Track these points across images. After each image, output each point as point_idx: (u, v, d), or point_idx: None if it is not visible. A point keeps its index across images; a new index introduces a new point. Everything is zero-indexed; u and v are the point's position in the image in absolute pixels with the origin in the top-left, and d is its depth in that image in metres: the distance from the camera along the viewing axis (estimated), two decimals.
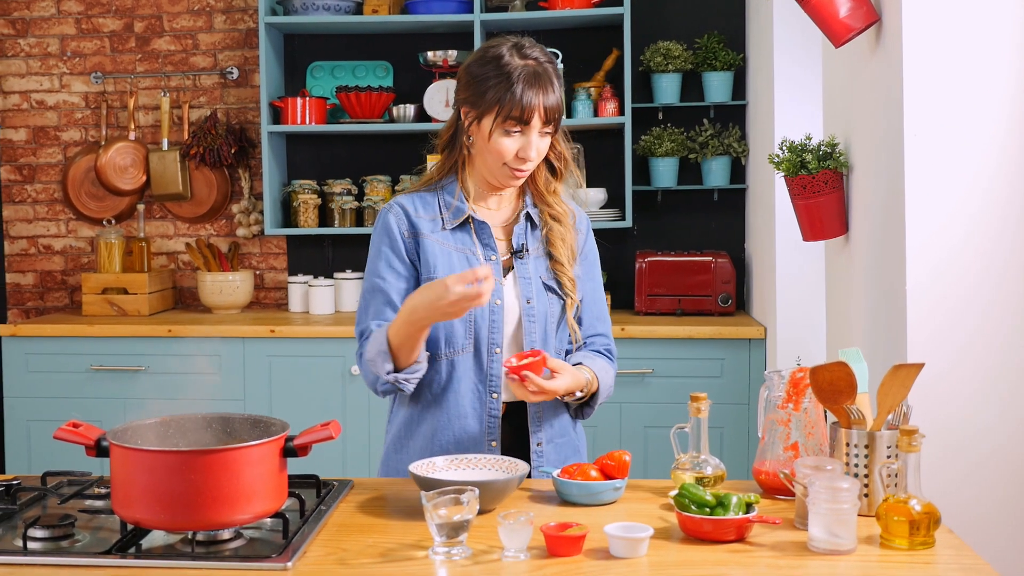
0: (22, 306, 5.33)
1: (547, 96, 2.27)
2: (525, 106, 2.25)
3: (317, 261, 5.19)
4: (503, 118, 2.27)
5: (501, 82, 2.27)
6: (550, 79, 2.29)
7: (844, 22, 2.52)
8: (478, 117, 2.31)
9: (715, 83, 4.80)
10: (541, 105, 2.26)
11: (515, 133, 2.28)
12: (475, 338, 2.34)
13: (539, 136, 2.30)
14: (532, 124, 2.27)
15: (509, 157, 2.30)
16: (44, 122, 5.27)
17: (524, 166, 2.31)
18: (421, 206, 2.40)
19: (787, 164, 2.81)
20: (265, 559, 1.79)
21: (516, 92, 2.25)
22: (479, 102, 2.30)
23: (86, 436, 1.93)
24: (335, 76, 5.13)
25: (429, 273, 2.34)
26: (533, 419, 2.39)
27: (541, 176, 2.43)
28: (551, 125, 2.31)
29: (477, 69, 2.32)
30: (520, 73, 2.27)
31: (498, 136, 2.29)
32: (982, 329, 2.33)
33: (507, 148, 2.29)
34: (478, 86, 2.31)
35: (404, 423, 2.43)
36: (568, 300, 2.41)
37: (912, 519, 1.83)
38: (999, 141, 2.32)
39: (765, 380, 2.23)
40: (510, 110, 2.26)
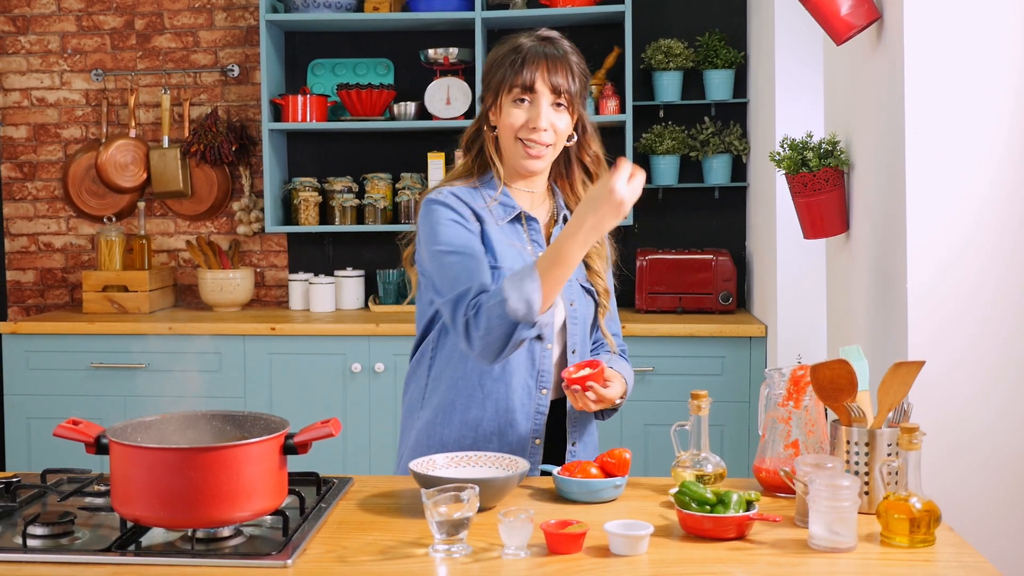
0: (23, 304, 5.33)
1: (553, 66, 2.29)
2: (528, 75, 2.28)
3: (318, 259, 5.19)
4: (509, 89, 2.30)
5: (510, 60, 2.31)
6: (561, 57, 2.31)
7: (845, 20, 2.51)
8: (495, 100, 2.34)
9: (716, 81, 4.80)
10: (546, 75, 2.28)
11: (523, 103, 2.30)
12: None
13: (552, 110, 2.30)
14: (539, 92, 2.28)
15: (518, 127, 2.30)
16: (45, 119, 5.27)
17: (534, 136, 2.30)
18: (470, 198, 2.36)
19: (788, 162, 2.81)
20: (265, 556, 1.79)
21: (521, 63, 2.29)
22: (492, 83, 2.34)
23: (86, 433, 1.92)
24: (336, 74, 5.13)
25: (494, 261, 2.31)
26: (571, 419, 2.41)
27: (577, 178, 2.43)
28: (562, 99, 2.30)
29: (493, 56, 2.37)
30: (527, 49, 2.31)
31: (508, 108, 2.31)
32: (983, 327, 2.33)
33: (516, 118, 2.30)
34: (492, 70, 2.35)
35: (442, 409, 2.38)
36: (600, 307, 2.43)
37: (913, 517, 1.83)
38: (1000, 139, 2.32)
39: (766, 378, 2.22)
40: (515, 79, 2.29)
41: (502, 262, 2.31)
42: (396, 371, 4.44)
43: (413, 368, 2.47)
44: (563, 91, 2.30)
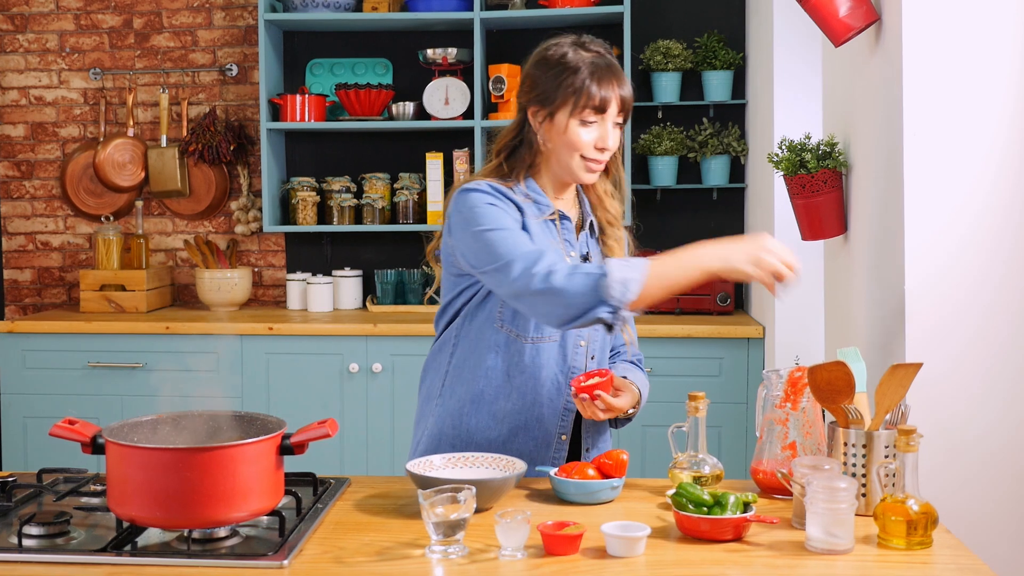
0: (20, 303, 5.32)
1: (621, 85, 2.29)
2: (602, 96, 2.26)
3: (316, 259, 5.19)
4: (580, 108, 2.27)
5: (573, 75, 2.28)
6: (619, 70, 2.31)
7: (844, 21, 2.51)
8: (550, 114, 2.31)
9: (715, 82, 4.79)
10: (616, 94, 2.28)
11: (591, 124, 2.28)
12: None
13: (613, 127, 2.30)
14: (608, 113, 2.28)
15: (587, 149, 2.29)
16: (42, 118, 5.26)
17: (602, 156, 2.31)
18: (507, 190, 2.33)
19: (786, 163, 2.81)
20: (261, 557, 1.78)
21: (590, 83, 2.26)
22: (551, 98, 2.30)
23: (82, 433, 1.92)
24: (334, 73, 5.12)
25: None
26: (586, 424, 2.42)
27: (605, 182, 2.44)
28: (622, 115, 2.31)
29: (543, 68, 2.33)
30: (590, 64, 2.29)
31: (575, 128, 2.28)
32: (981, 329, 2.33)
33: (584, 140, 2.29)
34: (548, 83, 2.31)
35: (469, 399, 2.37)
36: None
37: (910, 519, 1.83)
38: (999, 141, 2.31)
39: (763, 379, 2.22)
40: (587, 100, 2.26)
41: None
42: (394, 371, 4.44)
43: (433, 355, 2.45)
44: (627, 105, 2.31)
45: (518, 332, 2.32)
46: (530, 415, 2.35)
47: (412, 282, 4.94)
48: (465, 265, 2.29)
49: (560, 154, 2.32)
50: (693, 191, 4.95)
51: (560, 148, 2.31)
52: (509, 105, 4.74)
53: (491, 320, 2.33)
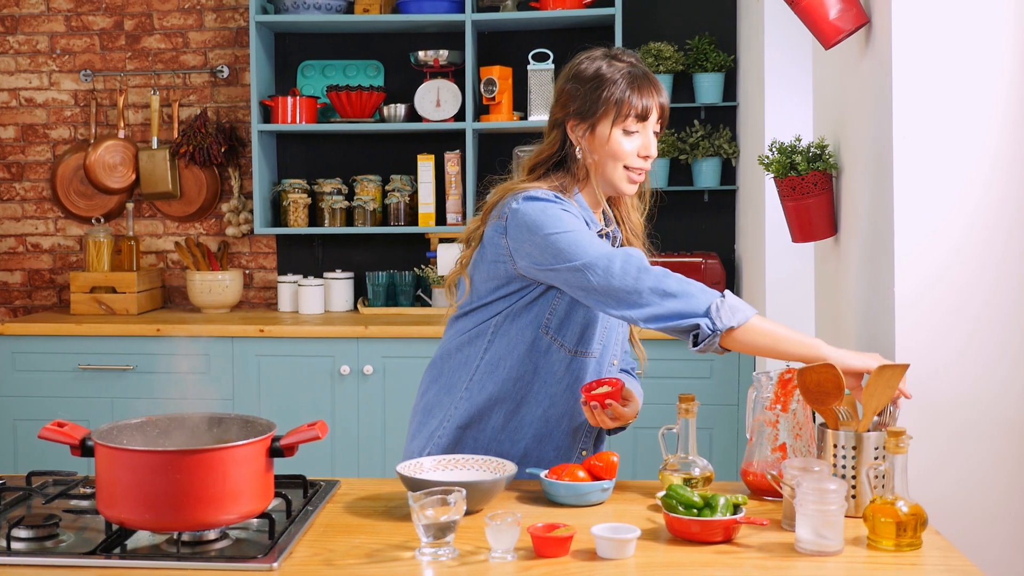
0: (10, 305, 5.31)
1: (660, 93, 2.32)
2: (644, 104, 2.29)
3: (307, 261, 5.18)
4: (623, 118, 2.29)
5: (611, 86, 2.29)
6: (655, 78, 2.33)
7: (834, 24, 2.51)
8: (591, 126, 2.31)
9: (706, 84, 4.80)
10: (657, 101, 2.31)
11: (634, 132, 2.30)
12: (604, 346, 2.37)
13: (653, 135, 2.33)
14: (649, 121, 2.31)
15: (630, 158, 2.31)
16: (33, 120, 5.25)
17: (645, 165, 2.33)
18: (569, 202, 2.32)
19: (777, 165, 2.81)
20: (251, 560, 1.78)
21: (630, 92, 2.29)
22: (591, 111, 2.30)
23: (71, 436, 1.92)
24: (326, 75, 5.12)
25: None
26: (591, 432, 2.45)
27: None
28: (661, 123, 2.34)
29: (579, 82, 2.33)
30: (628, 75, 2.30)
31: (618, 137, 2.30)
32: (971, 330, 2.33)
33: (628, 148, 2.30)
34: (586, 96, 2.31)
35: (501, 397, 2.35)
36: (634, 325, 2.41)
37: (899, 520, 1.83)
38: (989, 144, 2.32)
39: (753, 381, 2.23)
40: (629, 109, 2.28)
41: None
42: (385, 373, 4.44)
43: (459, 347, 2.40)
44: (666, 112, 2.33)
45: (562, 342, 2.33)
46: (557, 426, 2.36)
47: (403, 284, 4.94)
48: (527, 267, 2.27)
49: (604, 166, 2.33)
50: (684, 193, 4.95)
51: (604, 160, 2.32)
52: (500, 107, 4.75)
53: (535, 325, 2.32)
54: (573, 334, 2.32)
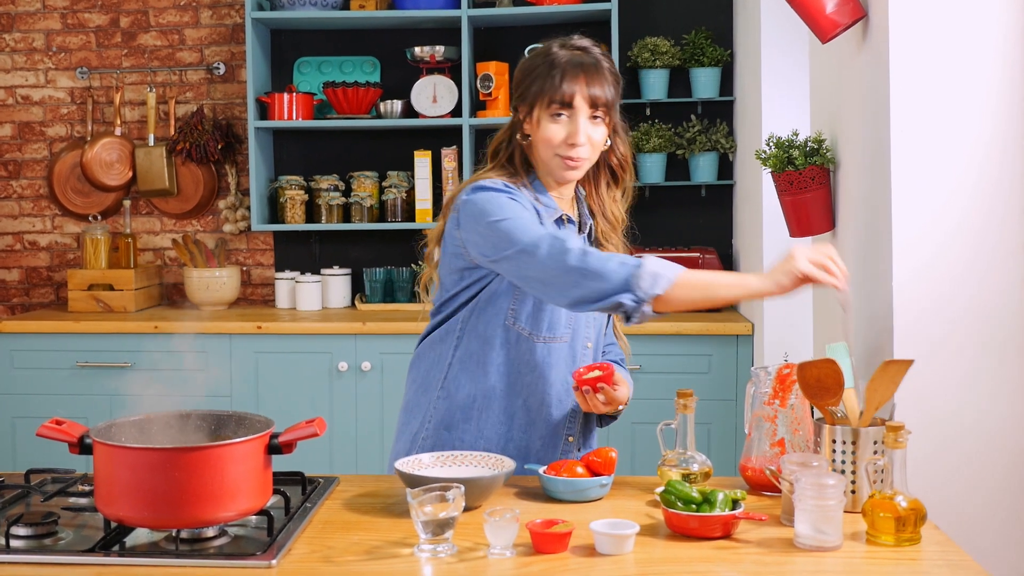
0: (7, 302, 5.30)
1: (591, 80, 2.28)
2: (567, 90, 2.27)
3: (304, 257, 5.18)
4: (548, 103, 2.28)
5: (546, 71, 2.29)
6: (597, 67, 2.30)
7: (830, 18, 2.51)
8: (529, 110, 2.32)
9: (702, 79, 4.80)
10: (584, 88, 2.27)
11: (561, 118, 2.29)
12: (573, 329, 2.35)
13: (589, 123, 2.29)
14: (576, 107, 2.27)
15: (557, 143, 2.29)
16: (29, 117, 5.25)
17: (574, 152, 2.29)
18: (518, 190, 2.33)
19: (774, 160, 2.81)
20: (250, 557, 1.78)
21: (558, 77, 2.27)
22: (527, 94, 2.32)
23: (69, 433, 1.92)
24: (322, 72, 5.12)
25: None
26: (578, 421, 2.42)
27: (602, 180, 2.43)
28: (600, 111, 2.30)
29: (526, 68, 2.35)
30: (564, 60, 2.29)
31: (546, 123, 2.29)
32: (968, 325, 2.33)
33: (555, 134, 2.29)
34: (525, 80, 2.33)
35: (479, 394, 2.36)
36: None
37: (898, 515, 1.83)
38: (985, 137, 2.32)
39: (752, 376, 2.22)
40: (553, 94, 2.27)
41: None
42: (383, 370, 4.43)
43: (431, 344, 2.42)
44: (600, 104, 2.29)
45: (530, 331, 2.33)
46: (539, 414, 2.36)
47: (401, 280, 4.93)
48: (478, 257, 2.28)
49: (540, 152, 2.34)
50: (681, 188, 4.95)
51: (538, 146, 2.33)
52: (497, 103, 4.74)
53: (501, 316, 2.33)
54: (539, 321, 2.32)
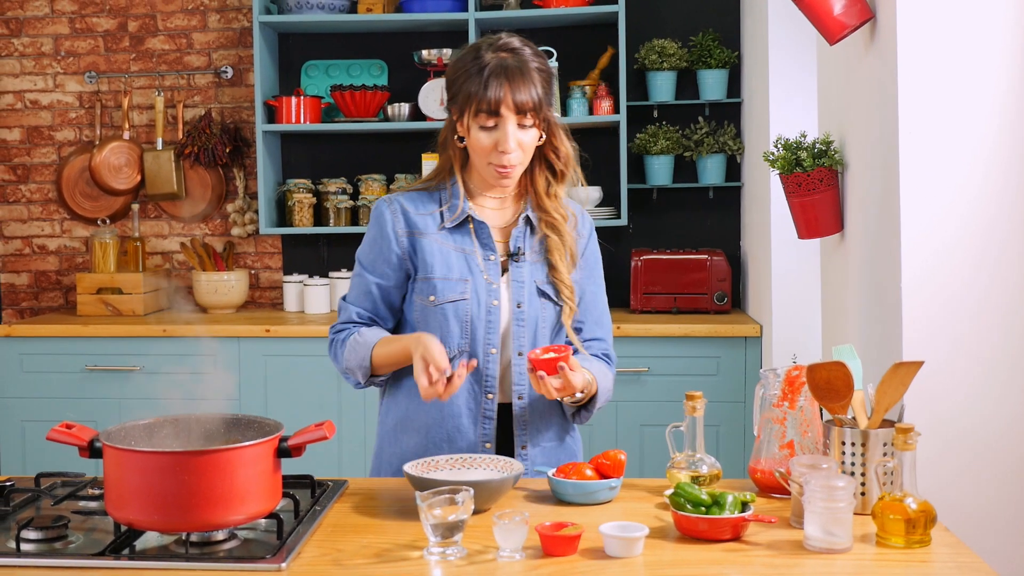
0: (17, 306, 5.32)
1: (516, 86, 2.24)
2: (492, 98, 2.23)
3: (312, 260, 5.18)
4: (475, 112, 2.26)
5: (472, 77, 2.26)
6: (523, 71, 2.25)
7: (838, 19, 2.51)
8: (460, 114, 2.31)
9: (710, 81, 4.80)
10: (509, 95, 2.23)
11: (490, 127, 2.26)
12: (471, 338, 2.32)
13: (517, 128, 2.26)
14: (504, 116, 2.24)
15: (488, 152, 2.28)
16: (38, 122, 5.26)
17: (505, 160, 2.27)
18: (421, 203, 2.37)
19: (782, 162, 2.81)
20: (259, 560, 1.78)
21: (483, 85, 2.24)
22: (457, 100, 2.30)
23: (79, 437, 1.92)
24: (329, 75, 5.12)
25: (427, 272, 2.32)
26: (518, 422, 2.37)
27: (541, 178, 2.40)
28: (528, 116, 2.26)
29: (455, 68, 2.32)
30: (489, 65, 2.25)
31: (475, 131, 2.28)
32: (976, 326, 2.33)
33: (484, 144, 2.27)
34: (454, 84, 2.31)
35: (399, 419, 2.40)
36: (565, 307, 2.37)
37: (908, 517, 1.83)
38: (993, 139, 2.32)
39: (761, 378, 2.22)
40: (479, 103, 2.24)
41: (433, 272, 2.32)
42: None
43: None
44: (528, 109, 2.25)
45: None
46: (451, 425, 2.34)
47: None
48: None
49: (473, 158, 2.34)
50: (689, 190, 4.95)
51: (471, 151, 2.32)
52: None
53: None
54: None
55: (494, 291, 2.33)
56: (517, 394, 2.34)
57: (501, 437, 2.37)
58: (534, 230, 2.39)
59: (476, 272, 2.33)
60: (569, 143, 2.39)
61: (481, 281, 2.32)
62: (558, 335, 2.41)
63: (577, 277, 2.42)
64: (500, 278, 2.35)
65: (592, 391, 2.33)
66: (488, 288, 2.32)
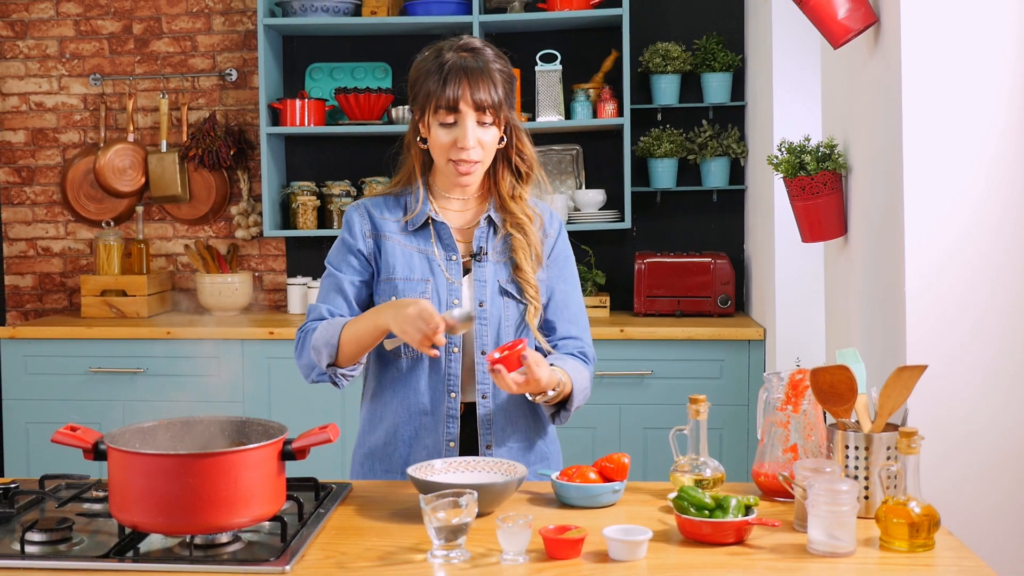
0: (21, 308, 5.32)
1: (475, 83, 2.27)
2: (451, 95, 2.26)
3: (316, 262, 5.18)
4: (434, 109, 2.28)
5: (432, 75, 2.29)
6: (482, 70, 2.28)
7: (842, 23, 2.51)
8: (421, 115, 2.33)
9: (714, 84, 4.80)
10: (468, 92, 2.26)
11: (449, 124, 2.28)
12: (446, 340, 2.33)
13: (477, 126, 2.29)
14: (463, 112, 2.27)
15: (447, 149, 2.30)
16: (43, 124, 5.27)
17: (463, 156, 2.29)
18: (386, 208, 2.41)
19: (786, 165, 2.81)
20: (263, 563, 1.78)
21: (442, 82, 2.27)
22: (418, 98, 2.33)
23: (83, 440, 1.92)
24: (334, 78, 5.13)
25: (389, 273, 2.36)
26: (482, 422, 2.37)
27: (505, 180, 2.41)
28: (487, 114, 2.28)
29: (417, 68, 2.35)
30: (449, 63, 2.28)
31: (436, 129, 2.30)
32: (980, 329, 2.33)
33: (444, 141, 2.30)
34: (416, 83, 2.34)
35: (367, 420, 2.44)
36: (530, 307, 2.38)
37: (912, 521, 1.83)
38: (998, 143, 2.32)
39: (764, 382, 2.22)
40: (438, 100, 2.27)
41: (395, 273, 2.35)
42: None
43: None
44: (487, 107, 2.27)
45: (399, 352, 2.37)
46: (418, 424, 2.36)
47: None
48: None
49: (435, 157, 2.35)
50: (693, 193, 4.95)
51: (433, 150, 2.35)
52: None
53: (378, 346, 2.35)
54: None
55: (455, 290, 2.35)
56: (481, 393, 2.36)
57: (467, 437, 2.38)
58: (496, 230, 2.41)
59: (438, 273, 2.36)
60: (531, 148, 2.42)
61: (442, 281, 2.35)
62: (523, 335, 2.40)
63: (544, 276, 2.42)
64: (463, 278, 2.37)
65: (566, 391, 2.31)
66: (449, 287, 2.35)
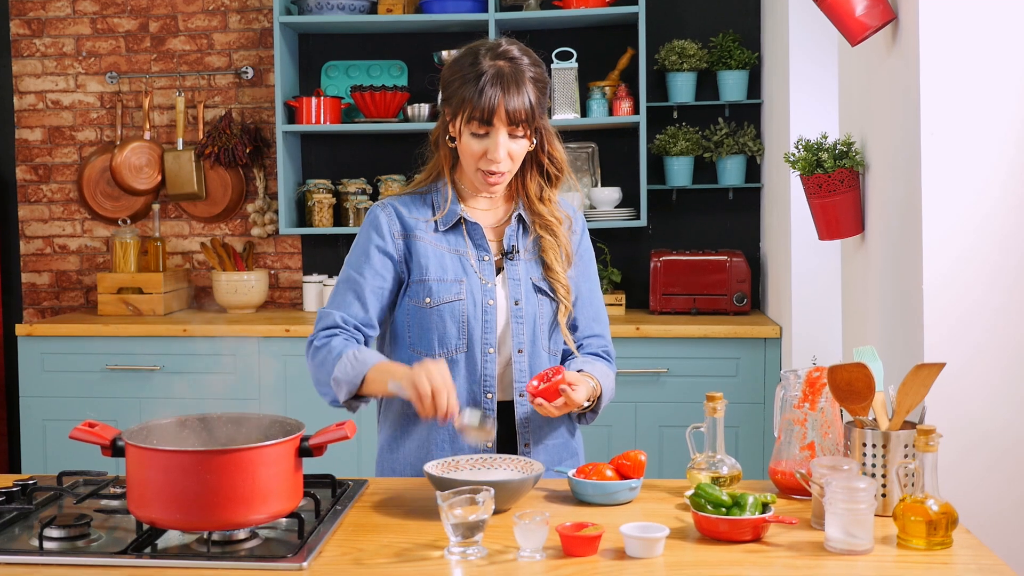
0: (38, 306, 5.34)
1: (511, 97, 2.23)
2: (486, 107, 2.23)
3: (332, 260, 5.19)
4: (467, 119, 2.26)
5: (468, 82, 2.25)
6: (518, 80, 2.25)
7: (860, 20, 2.51)
8: (452, 117, 2.31)
9: (730, 82, 4.79)
10: (503, 106, 2.23)
11: (481, 135, 2.26)
12: (468, 338, 2.32)
13: (508, 138, 2.26)
14: (496, 126, 2.24)
15: (477, 159, 2.28)
16: (59, 122, 5.29)
17: (493, 168, 2.28)
18: (413, 207, 2.38)
19: (803, 163, 2.80)
20: (280, 559, 1.79)
21: (478, 92, 2.23)
22: (451, 102, 2.30)
23: (102, 436, 1.93)
24: (350, 75, 5.13)
25: (421, 274, 2.33)
26: (521, 422, 2.37)
27: (533, 183, 2.39)
28: (520, 127, 2.26)
29: (452, 69, 2.32)
30: (486, 73, 2.24)
31: (466, 138, 2.28)
32: (998, 327, 2.32)
33: (474, 150, 2.27)
34: (450, 86, 2.30)
35: (398, 421, 2.41)
36: (561, 306, 2.38)
37: (929, 519, 1.82)
38: (1016, 140, 2.31)
39: (781, 379, 2.22)
40: (472, 111, 2.24)
41: (428, 274, 2.33)
42: None
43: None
44: (520, 120, 2.25)
45: (425, 352, 2.33)
46: (452, 427, 2.32)
47: None
48: None
49: (463, 162, 2.34)
50: (709, 191, 4.94)
51: (461, 155, 2.33)
52: None
53: (404, 343, 2.35)
54: (429, 339, 2.32)
55: (489, 291, 2.34)
56: (518, 391, 2.35)
57: (504, 435, 2.37)
58: (527, 229, 2.40)
59: (471, 273, 2.34)
60: (561, 150, 2.40)
61: (476, 281, 2.33)
62: (555, 331, 2.41)
63: (572, 274, 2.43)
64: (495, 277, 2.36)
65: (597, 395, 2.35)
66: (483, 288, 2.33)
